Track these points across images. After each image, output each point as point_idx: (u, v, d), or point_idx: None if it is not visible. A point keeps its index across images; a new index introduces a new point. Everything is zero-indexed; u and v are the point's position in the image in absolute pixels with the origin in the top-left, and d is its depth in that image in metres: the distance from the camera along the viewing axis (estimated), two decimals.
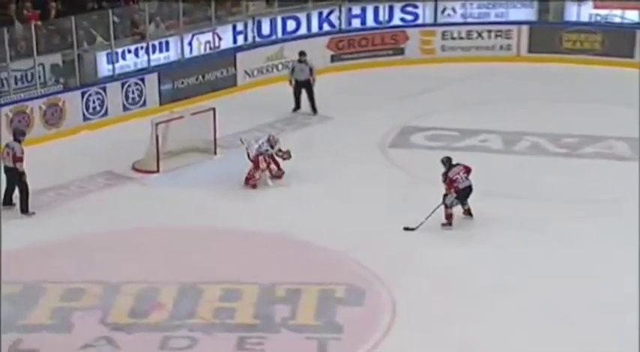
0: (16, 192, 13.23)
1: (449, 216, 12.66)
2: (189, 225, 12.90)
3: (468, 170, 12.72)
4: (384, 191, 14.01)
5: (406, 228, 12.59)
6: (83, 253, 12.12)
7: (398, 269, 11.52)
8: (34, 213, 13.25)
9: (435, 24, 21.13)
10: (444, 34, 21.02)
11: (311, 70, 17.43)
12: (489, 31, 21.03)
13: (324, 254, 12.06)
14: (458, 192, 12.64)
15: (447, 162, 12.83)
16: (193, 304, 10.83)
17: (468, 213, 12.91)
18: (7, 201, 13.34)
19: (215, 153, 15.47)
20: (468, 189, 12.67)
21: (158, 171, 14.83)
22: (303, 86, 17.46)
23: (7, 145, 13.31)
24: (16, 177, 13.10)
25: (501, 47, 21.06)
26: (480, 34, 21.05)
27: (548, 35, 20.88)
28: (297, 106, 17.65)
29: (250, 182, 14.20)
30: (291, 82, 17.54)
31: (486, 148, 15.83)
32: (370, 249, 12.06)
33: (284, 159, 14.42)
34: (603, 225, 12.63)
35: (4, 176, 13.32)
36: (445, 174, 12.74)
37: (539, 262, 11.72)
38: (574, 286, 11.13)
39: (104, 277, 11.32)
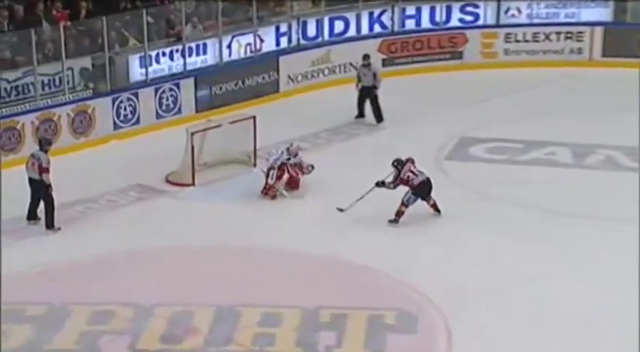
0: (41, 206, 13.45)
1: (399, 213, 13.33)
2: (226, 243, 13.03)
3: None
4: (440, 207, 13.99)
5: (339, 209, 13.38)
6: (112, 272, 12.30)
7: (453, 293, 11.52)
8: (59, 229, 13.47)
9: (497, 25, 21.12)
10: (507, 36, 20.99)
11: (374, 74, 17.54)
12: (558, 33, 20.95)
13: (372, 276, 12.09)
14: (414, 188, 13.34)
15: (399, 164, 13.52)
16: (230, 329, 10.92)
17: (434, 208, 13.50)
18: (32, 216, 13.56)
19: (255, 165, 15.60)
20: (426, 183, 13.38)
21: (193, 184, 15.01)
22: (366, 92, 17.57)
23: (33, 155, 13.52)
24: (42, 190, 13.31)
25: (572, 51, 20.96)
26: (547, 37, 20.97)
27: (625, 37, 20.73)
28: (360, 114, 17.76)
29: (270, 192, 14.42)
30: (357, 86, 17.66)
31: (554, 162, 15.76)
32: (423, 272, 12.07)
33: (304, 173, 14.65)
34: None
35: (27, 188, 13.52)
36: (397, 177, 13.41)
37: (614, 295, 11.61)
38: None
39: (135, 299, 11.48)
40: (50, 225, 13.42)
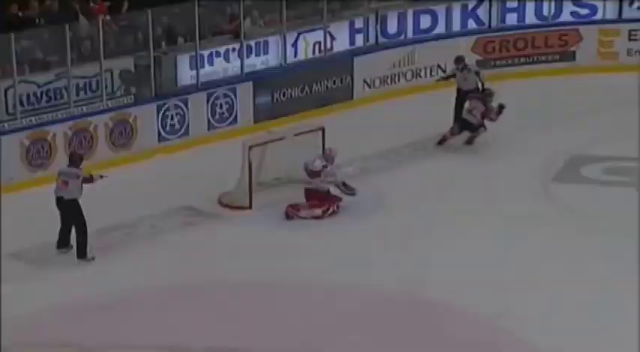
0: (73, 232, 13.60)
1: (444, 138, 17.13)
2: (287, 277, 13.06)
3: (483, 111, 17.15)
4: (544, 238, 13.88)
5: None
6: (154, 311, 12.41)
7: (561, 341, 11.36)
8: (93, 259, 13.63)
9: (618, 20, 20.95)
10: (631, 33, 20.82)
11: (478, 74, 17.56)
12: None
13: (465, 319, 12.03)
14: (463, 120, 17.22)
15: (488, 95, 17.13)
16: None
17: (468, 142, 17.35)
18: (63, 243, 13.73)
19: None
20: (468, 125, 17.09)
21: (250, 207, 15.12)
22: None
23: (64, 173, 13.57)
24: (73, 213, 13.43)
25: None
26: None
27: None
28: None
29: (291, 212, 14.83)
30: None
31: None
32: (526, 316, 11.97)
33: (347, 193, 14.86)
34: None
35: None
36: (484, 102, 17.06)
37: None
38: None
39: (179, 342, 11.53)
40: (82, 254, 13.58)
